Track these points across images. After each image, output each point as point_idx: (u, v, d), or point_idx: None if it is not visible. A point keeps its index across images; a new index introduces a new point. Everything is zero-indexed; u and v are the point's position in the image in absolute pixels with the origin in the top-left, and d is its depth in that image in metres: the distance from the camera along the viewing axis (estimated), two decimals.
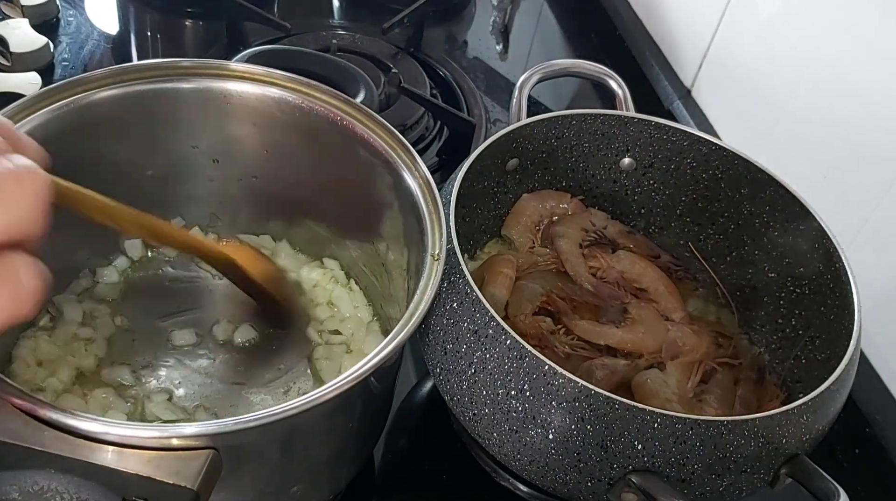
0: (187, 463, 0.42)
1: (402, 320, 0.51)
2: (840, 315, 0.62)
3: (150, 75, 0.63)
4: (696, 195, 0.75)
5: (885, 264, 0.74)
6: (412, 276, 0.61)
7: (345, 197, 0.69)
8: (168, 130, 0.67)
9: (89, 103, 0.61)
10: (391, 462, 0.69)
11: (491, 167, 0.71)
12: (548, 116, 0.71)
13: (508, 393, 0.53)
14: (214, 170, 0.70)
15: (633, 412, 0.50)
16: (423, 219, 0.58)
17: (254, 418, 0.44)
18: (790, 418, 0.52)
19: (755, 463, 0.52)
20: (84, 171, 0.64)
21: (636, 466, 0.51)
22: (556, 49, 1.23)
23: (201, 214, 0.73)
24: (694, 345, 0.67)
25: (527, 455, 0.54)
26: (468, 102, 1.02)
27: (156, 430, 0.44)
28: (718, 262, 0.75)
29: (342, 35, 1.05)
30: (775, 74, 0.88)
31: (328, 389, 0.46)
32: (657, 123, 0.72)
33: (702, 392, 0.64)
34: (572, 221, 0.75)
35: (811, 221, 0.66)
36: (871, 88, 0.75)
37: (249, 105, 0.66)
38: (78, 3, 1.09)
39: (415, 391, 0.75)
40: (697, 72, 1.02)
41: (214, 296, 0.72)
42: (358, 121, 0.64)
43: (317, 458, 0.56)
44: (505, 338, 0.53)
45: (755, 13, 0.91)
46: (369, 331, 0.70)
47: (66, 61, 1.00)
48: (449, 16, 1.21)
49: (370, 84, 0.82)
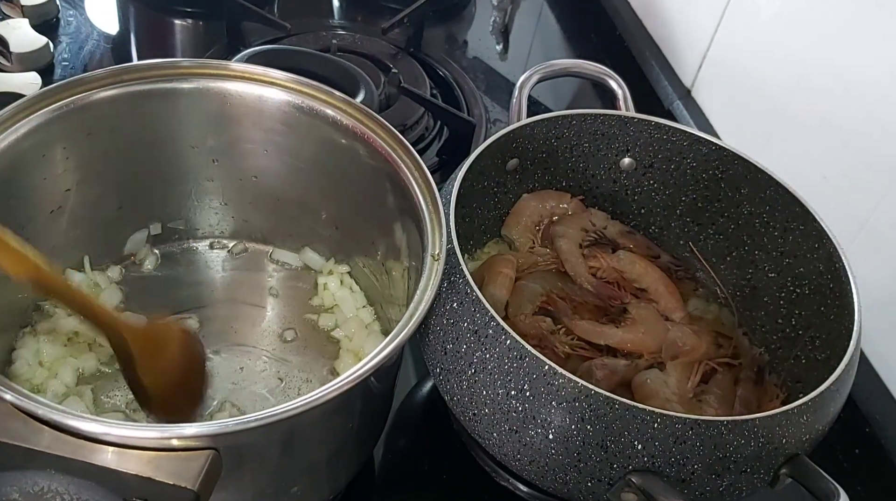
0: (187, 464, 0.42)
1: (402, 320, 0.52)
2: (840, 315, 0.62)
3: (150, 76, 0.63)
4: (696, 195, 0.75)
5: (885, 264, 0.74)
6: (412, 276, 0.61)
7: (345, 197, 0.69)
8: (167, 131, 0.67)
9: (89, 103, 0.61)
10: (391, 462, 0.69)
11: (491, 167, 0.71)
12: (548, 116, 0.71)
13: (508, 393, 0.53)
14: (214, 170, 0.71)
15: (633, 412, 0.50)
16: (423, 219, 0.58)
17: (254, 418, 0.44)
18: (790, 418, 0.52)
19: (755, 463, 0.52)
20: (83, 171, 0.65)
21: (636, 466, 0.51)
22: (556, 49, 1.23)
23: (201, 214, 0.74)
24: (694, 345, 0.67)
25: (527, 455, 0.54)
26: (468, 102, 1.02)
27: (156, 431, 0.44)
28: (718, 262, 0.75)
29: (342, 35, 1.05)
30: (775, 74, 0.88)
31: (328, 389, 0.46)
32: (657, 123, 0.72)
33: (702, 392, 0.64)
34: (572, 221, 0.75)
35: (811, 221, 0.66)
36: (871, 88, 0.75)
37: (249, 105, 0.66)
38: (78, 3, 1.09)
39: (415, 391, 0.75)
40: (697, 72, 1.02)
41: (216, 296, 0.72)
42: (358, 121, 0.64)
43: (317, 458, 0.57)
44: (505, 338, 0.53)
45: (755, 13, 0.91)
46: (370, 332, 0.70)
47: (66, 61, 1.00)
48: (449, 16, 1.21)
49: (370, 84, 0.82)
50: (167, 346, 0.58)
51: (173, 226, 0.73)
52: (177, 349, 0.59)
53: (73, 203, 0.65)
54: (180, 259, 0.74)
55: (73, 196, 0.64)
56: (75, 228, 0.66)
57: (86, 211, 0.66)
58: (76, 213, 0.66)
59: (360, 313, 0.71)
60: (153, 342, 0.57)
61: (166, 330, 0.60)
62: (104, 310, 0.56)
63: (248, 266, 0.74)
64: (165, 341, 0.59)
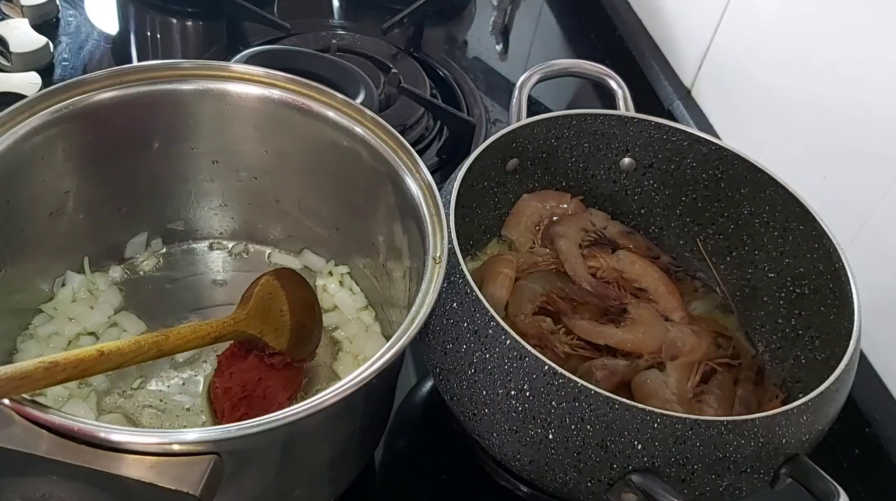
0: (190, 469, 0.42)
1: (404, 324, 0.51)
2: (840, 315, 0.62)
3: (150, 77, 0.63)
4: (696, 195, 0.75)
5: (885, 264, 0.74)
6: (413, 278, 0.61)
7: (345, 198, 0.69)
8: (167, 132, 0.67)
9: (89, 105, 0.61)
10: (391, 462, 0.69)
11: (491, 167, 0.71)
12: (548, 116, 0.71)
13: (508, 393, 0.53)
14: (214, 171, 0.70)
15: (633, 412, 0.50)
16: (424, 221, 0.58)
17: (256, 423, 0.44)
18: (790, 418, 0.52)
19: (755, 463, 0.52)
20: (83, 173, 0.65)
21: (636, 466, 0.51)
22: (556, 49, 1.23)
23: (201, 215, 0.74)
24: (694, 345, 0.67)
25: (527, 455, 0.54)
26: (468, 102, 1.02)
27: (157, 436, 0.44)
28: (718, 262, 0.75)
29: (342, 35, 1.05)
30: (775, 74, 0.88)
31: (330, 394, 0.46)
32: (657, 123, 0.72)
33: (701, 393, 0.64)
34: (572, 221, 0.75)
35: (811, 221, 0.66)
36: (870, 88, 0.75)
37: (249, 106, 0.66)
38: (78, 3, 1.09)
39: (415, 391, 0.75)
40: (697, 72, 1.02)
41: (216, 297, 0.72)
42: (358, 122, 0.64)
43: (319, 461, 0.57)
44: (505, 338, 0.53)
45: (755, 14, 0.91)
46: (370, 334, 0.70)
47: (66, 61, 1.00)
48: (449, 16, 1.21)
49: (370, 84, 0.82)
50: (277, 296, 0.64)
51: (173, 227, 0.73)
52: (286, 292, 0.65)
53: (72, 205, 0.65)
54: (180, 260, 0.74)
55: (72, 198, 0.64)
56: (75, 229, 0.66)
57: (85, 213, 0.66)
58: (76, 214, 0.66)
59: (361, 314, 0.71)
60: (267, 308, 0.63)
61: (270, 286, 0.64)
62: (200, 329, 0.58)
63: (248, 267, 0.74)
64: (274, 295, 0.64)
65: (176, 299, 0.71)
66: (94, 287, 0.69)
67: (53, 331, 0.65)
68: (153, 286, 0.72)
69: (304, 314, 0.66)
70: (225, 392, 0.62)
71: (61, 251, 0.67)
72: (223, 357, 0.64)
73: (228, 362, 0.63)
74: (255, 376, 0.62)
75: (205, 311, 0.70)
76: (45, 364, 0.46)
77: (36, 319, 0.66)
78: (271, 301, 0.64)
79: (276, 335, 0.63)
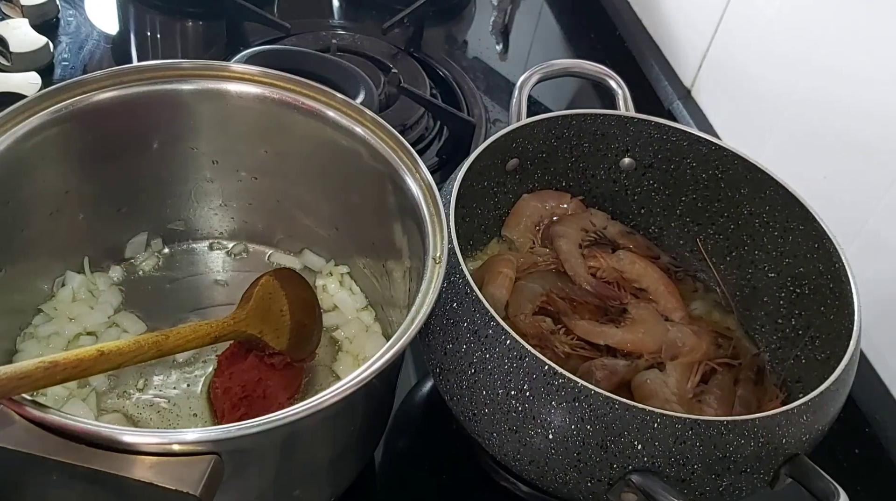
0: (190, 469, 0.42)
1: (404, 324, 0.51)
2: (840, 315, 0.62)
3: (150, 77, 0.63)
4: (696, 195, 0.75)
5: (885, 264, 0.74)
6: (413, 278, 0.61)
7: (345, 199, 0.69)
8: (167, 132, 0.67)
9: (89, 105, 0.61)
10: (391, 462, 0.69)
11: (491, 167, 0.71)
12: (548, 116, 0.71)
13: (508, 393, 0.53)
14: (214, 171, 0.71)
15: (632, 412, 0.50)
16: (424, 222, 0.58)
17: (256, 423, 0.44)
18: (790, 418, 0.52)
19: (755, 463, 0.52)
20: (83, 173, 0.65)
21: (636, 466, 0.51)
22: (556, 49, 1.23)
23: (201, 215, 0.74)
24: (694, 345, 0.67)
25: (527, 455, 0.54)
26: (468, 102, 1.02)
27: (157, 436, 0.44)
28: (718, 262, 0.75)
29: (342, 35, 1.05)
30: (775, 74, 0.88)
31: (330, 394, 0.46)
32: (657, 123, 0.72)
33: (701, 393, 0.64)
34: (572, 221, 0.75)
35: (811, 221, 0.66)
36: (870, 88, 0.75)
37: (249, 106, 0.66)
38: (78, 3, 1.09)
39: (415, 391, 0.75)
40: (697, 72, 1.02)
41: (216, 297, 0.72)
42: (358, 122, 0.64)
43: (319, 461, 0.57)
44: (505, 338, 0.53)
45: (755, 14, 0.91)
46: (370, 334, 0.70)
47: (66, 61, 1.00)
48: (449, 16, 1.21)
49: (370, 84, 0.82)
50: (277, 296, 0.64)
51: (173, 227, 0.73)
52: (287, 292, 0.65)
53: (72, 205, 0.65)
54: (180, 260, 0.74)
55: (72, 198, 0.64)
56: (75, 229, 0.66)
57: (85, 213, 0.66)
58: (76, 214, 0.66)
59: (361, 314, 0.71)
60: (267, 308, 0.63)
61: (270, 286, 0.64)
62: (200, 329, 0.59)
63: (247, 267, 0.74)
64: (273, 295, 0.64)
65: (176, 299, 0.71)
66: (94, 287, 0.69)
67: (53, 331, 0.65)
68: (153, 286, 0.72)
69: (304, 314, 0.66)
70: (225, 392, 0.62)
71: (61, 251, 0.67)
72: (223, 357, 0.64)
73: (228, 362, 0.64)
74: (255, 376, 0.62)
75: (205, 311, 0.70)
76: (45, 364, 0.46)
77: (36, 319, 0.66)
78: (271, 301, 0.64)
79: (276, 335, 0.63)
